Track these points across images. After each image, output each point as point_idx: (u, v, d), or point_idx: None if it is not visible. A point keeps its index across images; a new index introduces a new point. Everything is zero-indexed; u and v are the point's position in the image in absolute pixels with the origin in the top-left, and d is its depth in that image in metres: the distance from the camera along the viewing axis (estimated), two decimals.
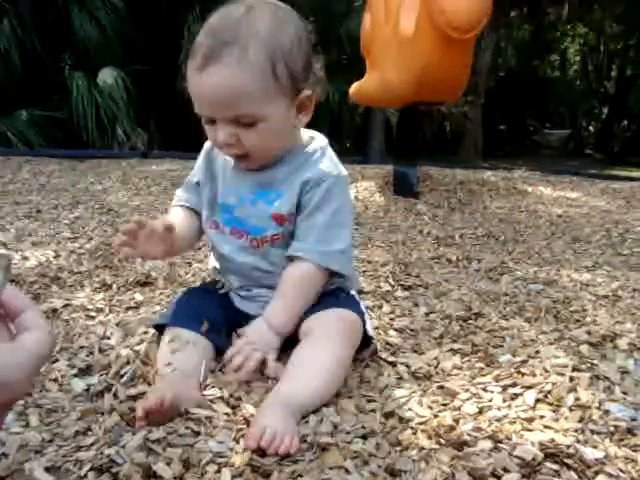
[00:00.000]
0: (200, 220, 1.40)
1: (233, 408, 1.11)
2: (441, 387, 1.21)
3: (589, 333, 1.50)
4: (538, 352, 1.37)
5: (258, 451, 0.95)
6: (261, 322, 1.27)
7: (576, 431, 1.04)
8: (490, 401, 1.15)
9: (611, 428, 1.05)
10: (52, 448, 0.99)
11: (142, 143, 7.50)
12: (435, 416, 1.09)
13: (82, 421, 1.07)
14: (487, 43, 10.77)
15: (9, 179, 4.13)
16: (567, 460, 0.95)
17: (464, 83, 3.66)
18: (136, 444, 0.96)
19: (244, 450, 0.96)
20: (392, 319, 1.62)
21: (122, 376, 1.23)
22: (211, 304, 1.37)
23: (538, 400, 1.14)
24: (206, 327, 1.29)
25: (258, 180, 1.30)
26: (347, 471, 0.93)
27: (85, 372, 1.27)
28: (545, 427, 1.05)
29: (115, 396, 1.15)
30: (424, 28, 3.21)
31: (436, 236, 2.83)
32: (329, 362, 1.16)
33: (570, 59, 19.34)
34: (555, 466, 0.94)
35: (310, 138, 1.34)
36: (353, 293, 1.41)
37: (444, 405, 1.14)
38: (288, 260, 1.30)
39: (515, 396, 1.16)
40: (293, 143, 1.30)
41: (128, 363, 1.28)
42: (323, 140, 1.35)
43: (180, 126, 6.44)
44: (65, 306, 1.68)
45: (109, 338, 1.43)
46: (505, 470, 0.92)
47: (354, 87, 3.86)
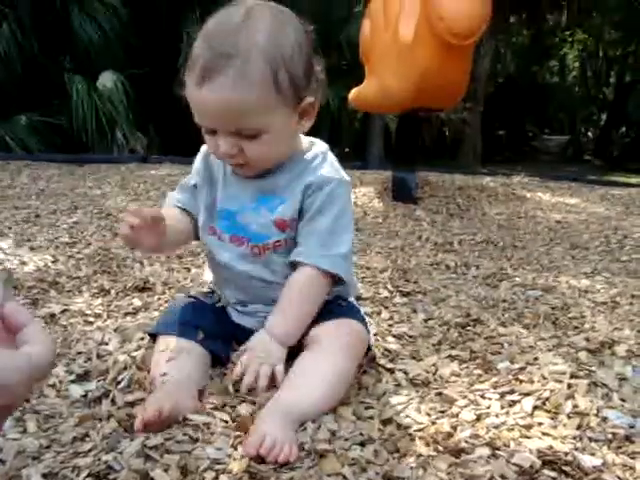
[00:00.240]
0: (193, 222, 1.36)
1: (231, 415, 1.11)
2: (439, 394, 1.21)
3: (587, 340, 1.50)
4: (536, 359, 1.36)
5: (256, 458, 0.95)
6: (264, 333, 1.22)
7: (574, 438, 1.04)
8: (488, 408, 1.15)
9: (609, 435, 1.05)
10: (50, 454, 0.99)
11: (141, 147, 7.50)
12: (433, 423, 1.09)
13: (80, 427, 1.07)
14: (486, 49, 10.81)
15: (8, 184, 4.12)
16: (565, 467, 0.95)
17: (463, 89, 3.66)
18: (134, 450, 0.96)
19: (242, 457, 0.96)
20: (390, 325, 1.62)
21: (120, 382, 1.23)
22: (206, 314, 1.35)
23: (536, 407, 1.14)
24: (201, 336, 1.27)
25: (260, 187, 1.28)
26: (345, 478, 0.93)
27: (83, 378, 1.27)
28: (543, 434, 1.04)
29: (113, 402, 1.15)
30: (423, 35, 3.22)
31: (435, 242, 2.84)
32: (331, 373, 1.15)
33: (569, 65, 19.39)
34: (553, 473, 0.94)
35: (310, 144, 1.32)
36: (352, 300, 1.41)
37: (442, 412, 1.14)
38: (291, 267, 1.27)
39: (513, 403, 1.16)
40: (294, 150, 1.28)
41: (126, 369, 1.28)
42: (323, 145, 1.34)
43: (179, 130, 6.44)
44: (63, 311, 1.68)
45: (107, 344, 1.43)
46: (503, 477, 0.92)
47: (353, 93, 3.87)
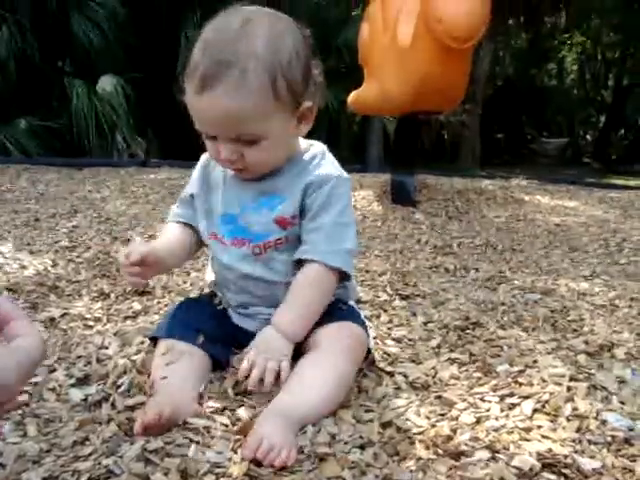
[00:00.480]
0: (196, 233, 1.39)
1: (231, 419, 1.11)
2: (439, 397, 1.21)
3: (587, 343, 1.50)
4: (536, 362, 1.37)
5: (255, 461, 0.95)
6: (270, 329, 1.22)
7: (573, 441, 1.04)
8: (488, 411, 1.15)
9: (608, 438, 1.05)
10: (50, 458, 0.99)
11: (141, 151, 7.51)
12: (433, 426, 1.09)
13: (80, 431, 1.07)
14: (485, 52, 10.83)
15: (7, 187, 4.12)
16: (564, 470, 0.95)
17: (463, 92, 3.67)
18: (134, 454, 0.96)
19: (242, 460, 0.96)
20: (390, 329, 1.62)
21: (120, 386, 1.23)
22: (207, 317, 1.35)
23: (535, 410, 1.14)
24: (202, 340, 1.28)
25: (260, 188, 1.29)
26: None
27: (83, 382, 1.27)
28: (542, 437, 1.05)
29: (113, 406, 1.15)
30: (422, 38, 3.22)
31: (434, 245, 2.84)
32: (331, 377, 1.15)
33: (567, 68, 19.42)
34: (552, 476, 0.94)
35: (308, 145, 1.34)
36: (352, 304, 1.41)
37: (442, 415, 1.15)
38: (296, 265, 1.28)
39: (513, 406, 1.16)
40: (293, 152, 1.30)
41: (126, 373, 1.27)
42: (321, 146, 1.35)
43: (178, 134, 6.45)
44: (63, 315, 1.68)
45: (107, 348, 1.43)
46: None
47: (352, 96, 3.87)
